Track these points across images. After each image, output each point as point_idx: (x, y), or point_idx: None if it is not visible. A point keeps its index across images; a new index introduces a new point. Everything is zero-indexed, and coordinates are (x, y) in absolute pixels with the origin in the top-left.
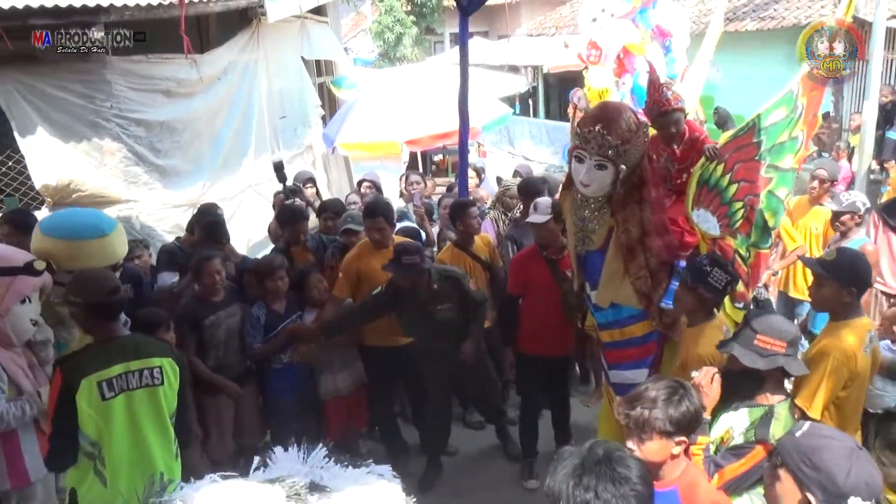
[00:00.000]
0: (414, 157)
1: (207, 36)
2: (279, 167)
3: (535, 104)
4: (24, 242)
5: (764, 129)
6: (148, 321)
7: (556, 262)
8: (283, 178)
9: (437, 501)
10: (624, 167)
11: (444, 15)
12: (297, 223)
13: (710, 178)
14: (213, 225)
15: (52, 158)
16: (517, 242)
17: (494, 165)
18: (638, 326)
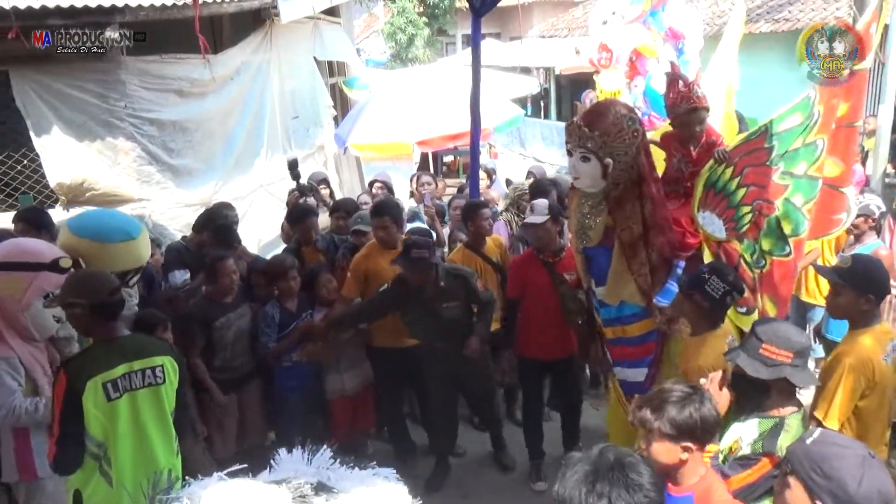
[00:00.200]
0: (425, 157)
1: (220, 36)
2: (293, 165)
3: (546, 106)
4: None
5: (776, 134)
6: (146, 322)
7: (552, 264)
8: (296, 175)
9: (444, 503)
10: (611, 161)
11: (456, 16)
12: (306, 219)
13: (717, 180)
14: (223, 228)
15: (66, 157)
16: (528, 244)
17: (505, 167)
18: (637, 325)
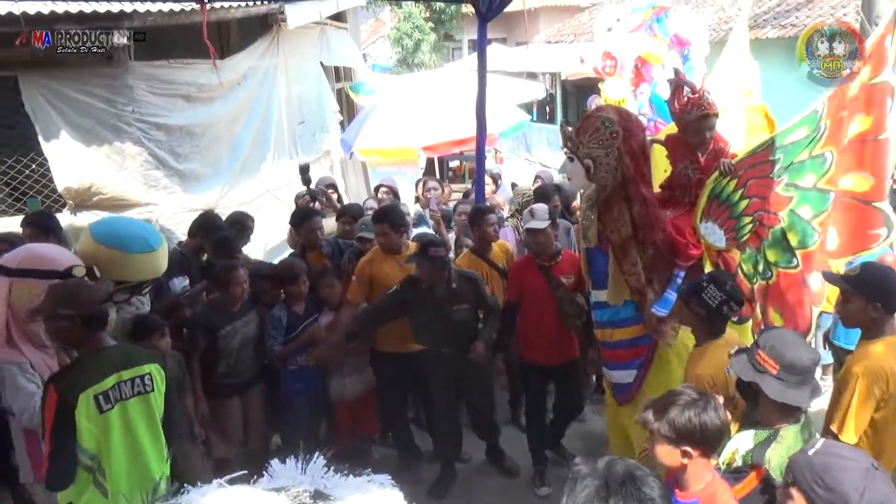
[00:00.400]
0: (431, 163)
1: (228, 41)
2: (304, 170)
3: (552, 111)
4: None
5: (782, 147)
6: (143, 327)
7: (548, 268)
8: (307, 180)
9: None
10: (590, 162)
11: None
12: (308, 221)
13: (721, 192)
14: (223, 240)
15: (74, 161)
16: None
17: (511, 172)
18: (629, 329)
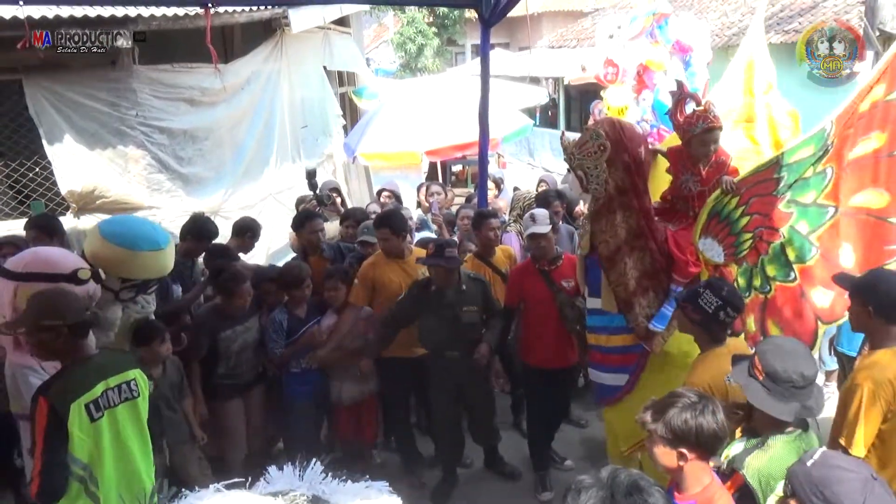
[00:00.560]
0: (434, 167)
1: (231, 46)
2: (311, 175)
3: (555, 116)
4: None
5: (787, 165)
6: (145, 332)
7: (549, 273)
8: (314, 186)
9: None
10: (582, 174)
11: (465, 26)
12: (308, 223)
13: (722, 209)
14: (221, 249)
15: (77, 165)
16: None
17: (514, 176)
18: (623, 337)
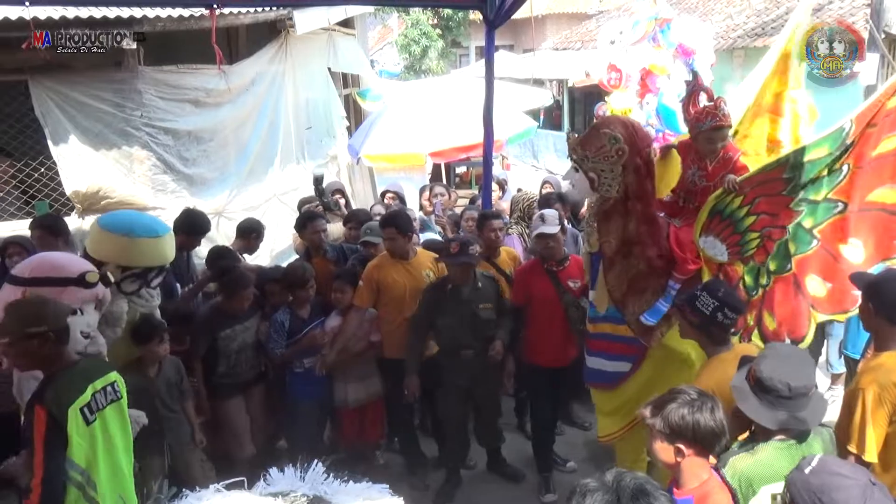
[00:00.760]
0: (438, 168)
1: (237, 47)
2: (318, 181)
3: (559, 117)
4: (55, 246)
5: (797, 164)
6: (145, 331)
7: (556, 273)
8: (320, 191)
9: None
10: (594, 176)
11: (469, 28)
12: (310, 224)
13: (725, 208)
14: (224, 251)
15: (82, 165)
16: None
17: (518, 178)
18: (623, 328)
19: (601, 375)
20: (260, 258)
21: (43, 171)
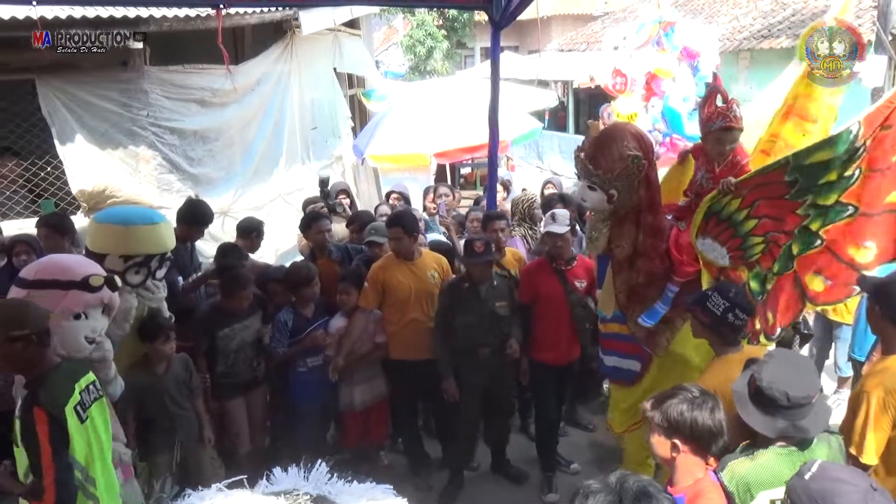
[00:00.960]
0: (442, 169)
1: (242, 47)
2: (324, 183)
3: (564, 119)
4: (61, 244)
5: (799, 167)
6: (151, 329)
7: (563, 272)
8: (326, 194)
9: None
10: (615, 192)
11: (475, 29)
12: (314, 224)
13: (721, 210)
14: (232, 248)
15: (88, 164)
16: (541, 254)
17: (522, 179)
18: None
19: (619, 372)
20: (265, 258)
21: (49, 169)
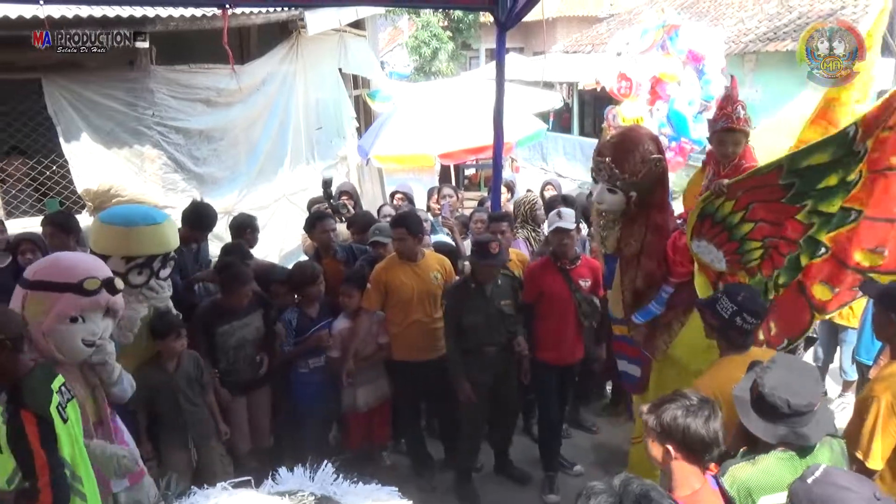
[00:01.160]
0: (446, 170)
1: (248, 47)
2: (327, 184)
3: (568, 121)
4: (66, 243)
5: (795, 171)
6: (163, 326)
7: (568, 271)
8: (329, 195)
9: None
10: (635, 194)
11: (480, 31)
12: (319, 224)
13: (715, 212)
14: (236, 246)
15: (94, 164)
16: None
17: (526, 181)
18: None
19: (626, 377)
20: (268, 258)
21: (55, 168)
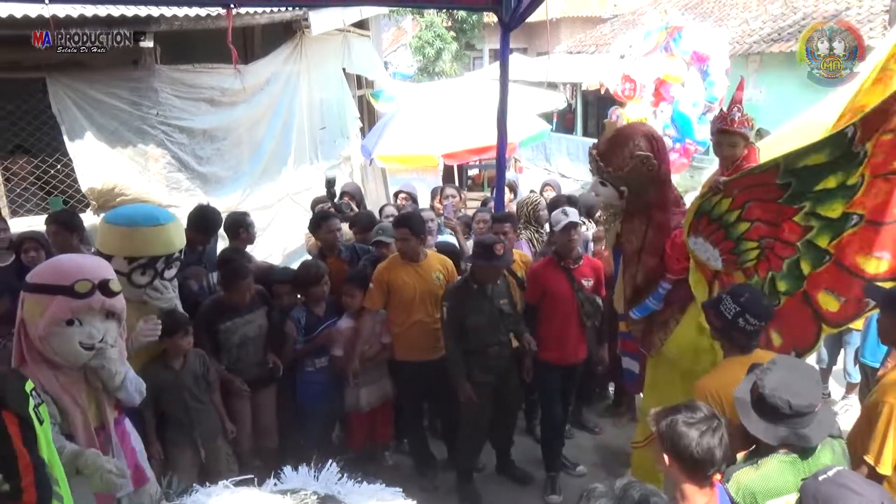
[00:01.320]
0: (450, 170)
1: (252, 47)
2: (330, 184)
3: (572, 121)
4: (69, 241)
5: (792, 171)
6: (170, 323)
7: (571, 271)
8: (332, 195)
9: None
10: (625, 189)
11: (483, 31)
12: (323, 224)
13: (712, 210)
14: (235, 251)
15: (98, 162)
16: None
17: (530, 181)
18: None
19: (629, 374)
20: (272, 258)
21: (60, 167)
